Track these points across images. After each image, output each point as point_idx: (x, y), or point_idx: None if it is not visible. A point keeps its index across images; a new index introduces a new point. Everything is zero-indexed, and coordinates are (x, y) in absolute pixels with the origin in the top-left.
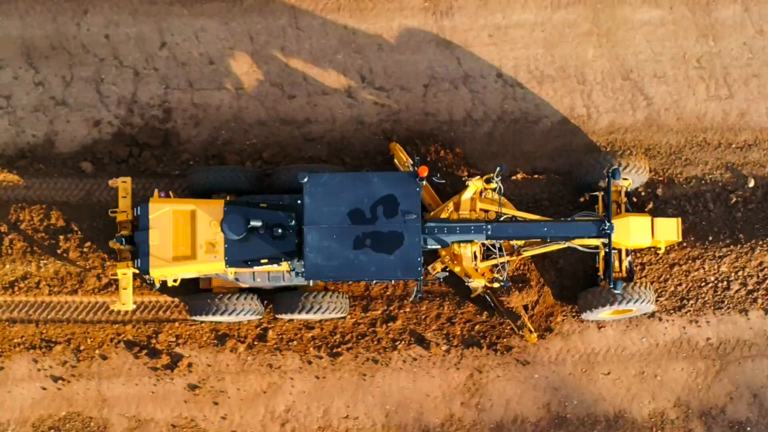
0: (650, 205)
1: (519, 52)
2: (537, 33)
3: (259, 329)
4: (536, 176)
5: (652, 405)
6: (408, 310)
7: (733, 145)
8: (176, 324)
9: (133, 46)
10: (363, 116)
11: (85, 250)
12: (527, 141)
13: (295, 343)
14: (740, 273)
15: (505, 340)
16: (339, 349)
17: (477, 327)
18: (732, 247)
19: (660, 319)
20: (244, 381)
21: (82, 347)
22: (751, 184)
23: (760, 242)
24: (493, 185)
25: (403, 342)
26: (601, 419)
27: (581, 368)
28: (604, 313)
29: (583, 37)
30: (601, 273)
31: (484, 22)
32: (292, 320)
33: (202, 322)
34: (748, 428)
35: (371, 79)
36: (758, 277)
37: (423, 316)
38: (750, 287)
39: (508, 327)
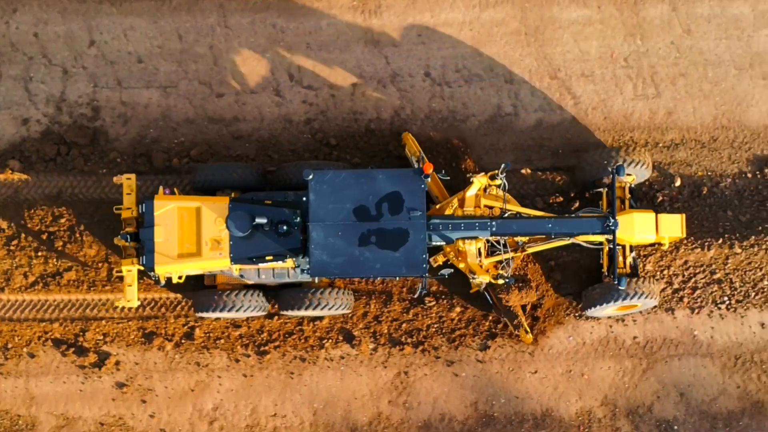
0: (576, 205)
1: (447, 51)
2: (465, 32)
3: (186, 327)
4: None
5: (579, 403)
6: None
7: (660, 144)
8: (103, 322)
9: (62, 45)
10: (291, 115)
11: (12, 247)
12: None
13: (222, 341)
14: (666, 272)
15: (432, 339)
16: (266, 348)
17: (404, 326)
18: (498, 254)
19: (587, 318)
20: (171, 379)
21: (9, 345)
22: (678, 183)
23: (685, 241)
24: (498, 182)
25: (330, 340)
26: (528, 417)
27: (508, 367)
28: (608, 310)
29: (511, 36)
30: (605, 270)
31: (413, 21)
32: (296, 317)
33: (207, 318)
34: (675, 427)
35: (299, 77)
36: (683, 276)
37: (349, 315)
38: (676, 286)
39: (433, 327)
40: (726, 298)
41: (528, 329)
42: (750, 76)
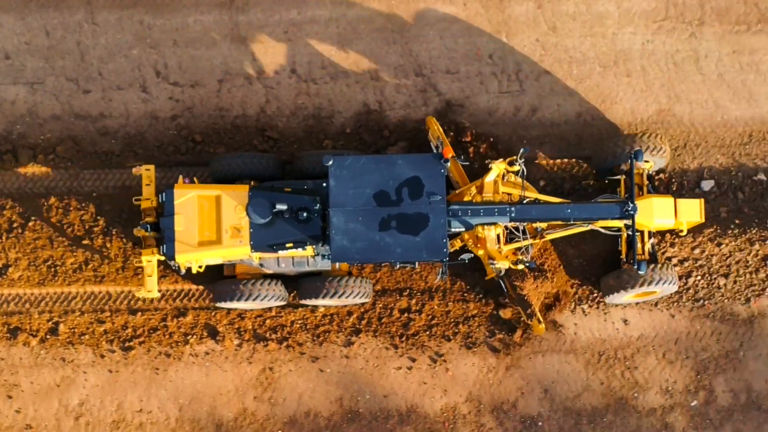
0: None
1: (313, 47)
2: (332, 29)
3: (50, 323)
4: None
5: (444, 399)
6: (198, 306)
7: (525, 141)
8: None
9: None
10: (157, 111)
11: None
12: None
13: (87, 337)
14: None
15: (296, 335)
16: (131, 343)
17: (268, 322)
18: (517, 241)
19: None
20: (37, 375)
21: None
22: (542, 183)
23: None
24: (516, 168)
25: (194, 336)
26: (393, 414)
27: (373, 363)
28: (628, 296)
29: (377, 33)
30: (623, 256)
31: (279, 18)
32: (315, 306)
33: (226, 308)
34: (540, 423)
35: (166, 74)
36: None
37: (213, 312)
38: None
39: (297, 323)
40: (589, 295)
41: (541, 319)
42: (614, 74)
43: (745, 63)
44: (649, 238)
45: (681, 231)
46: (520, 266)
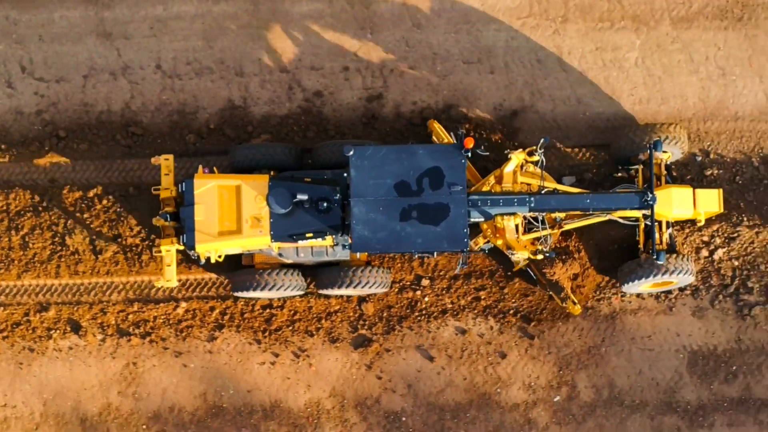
0: None
1: (179, 43)
2: (197, 25)
3: None
4: None
5: (308, 395)
6: (60, 301)
7: (391, 136)
8: None
9: None
10: (22, 106)
11: None
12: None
13: None
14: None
15: (159, 330)
16: None
17: (131, 317)
18: (535, 231)
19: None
20: None
21: None
22: None
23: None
24: (535, 158)
25: (57, 331)
26: (257, 409)
27: (236, 358)
28: (645, 285)
29: (243, 30)
30: (641, 246)
31: (145, 14)
32: (336, 296)
33: (245, 298)
34: (404, 418)
35: (31, 69)
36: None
37: (75, 307)
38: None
39: (160, 318)
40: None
41: (575, 300)
42: (478, 70)
43: (608, 60)
44: (667, 228)
45: (699, 221)
46: (539, 256)
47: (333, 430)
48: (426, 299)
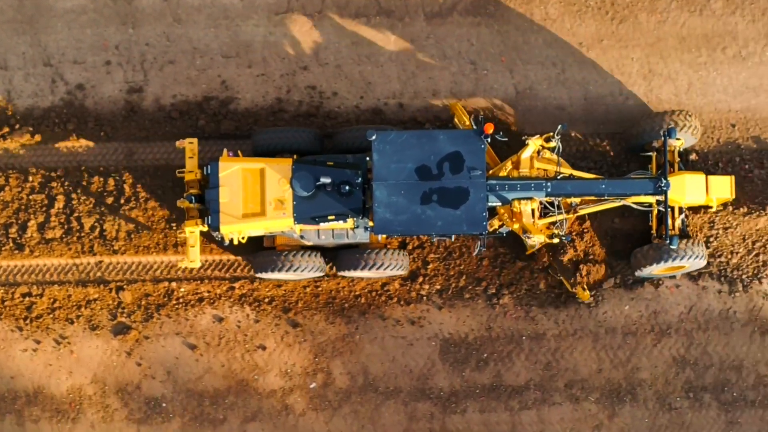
0: None
1: None
2: None
3: None
4: None
5: (69, 381)
6: None
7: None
8: None
9: None
10: None
11: None
12: None
13: None
14: None
15: None
16: None
17: None
18: (551, 216)
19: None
20: None
21: None
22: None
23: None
24: (552, 144)
25: None
26: (21, 395)
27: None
28: (658, 270)
29: (7, 24)
30: (654, 231)
31: None
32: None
33: (267, 279)
34: (164, 404)
35: None
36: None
37: None
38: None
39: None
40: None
41: (585, 286)
42: (236, 64)
43: (363, 54)
44: (680, 213)
45: (710, 207)
46: (555, 240)
47: (95, 415)
48: (182, 288)
